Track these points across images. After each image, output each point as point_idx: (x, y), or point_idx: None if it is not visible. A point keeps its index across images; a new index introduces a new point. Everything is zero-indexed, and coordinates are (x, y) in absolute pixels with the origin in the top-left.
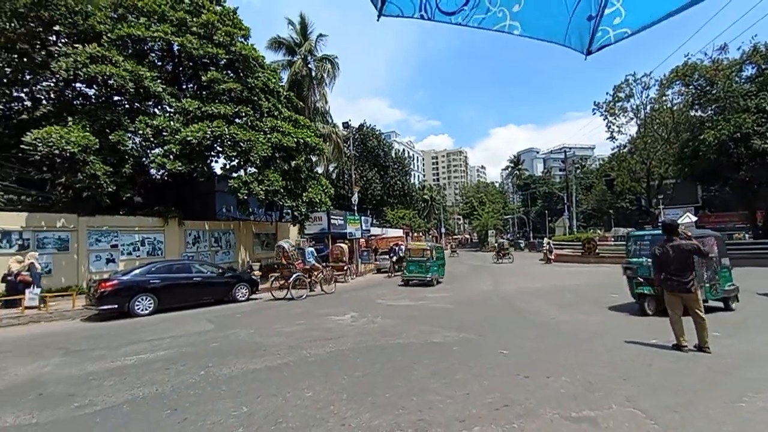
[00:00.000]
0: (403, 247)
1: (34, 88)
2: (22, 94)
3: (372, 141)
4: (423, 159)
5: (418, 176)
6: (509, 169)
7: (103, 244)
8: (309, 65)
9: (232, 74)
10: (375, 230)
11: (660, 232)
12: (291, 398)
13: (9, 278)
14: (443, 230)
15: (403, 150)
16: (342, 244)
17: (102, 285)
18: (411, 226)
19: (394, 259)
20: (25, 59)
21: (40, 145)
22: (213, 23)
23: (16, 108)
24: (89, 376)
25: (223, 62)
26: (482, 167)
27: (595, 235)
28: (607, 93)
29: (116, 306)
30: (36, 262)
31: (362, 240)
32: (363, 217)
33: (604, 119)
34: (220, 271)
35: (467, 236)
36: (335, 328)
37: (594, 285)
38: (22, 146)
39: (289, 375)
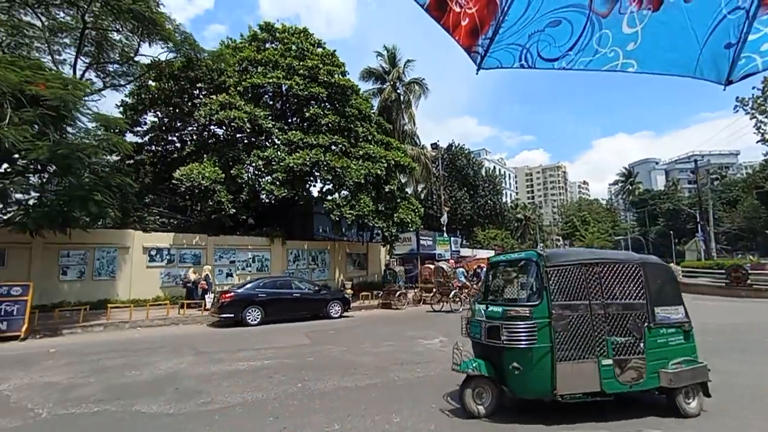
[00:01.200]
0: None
1: (182, 132)
2: (174, 138)
3: (461, 160)
4: (516, 176)
5: (511, 194)
6: (619, 184)
7: (224, 260)
8: (398, 90)
9: (330, 107)
10: (465, 251)
11: (525, 256)
12: (379, 421)
13: (188, 285)
14: None
15: (494, 168)
16: (431, 266)
17: (222, 296)
18: (503, 247)
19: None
20: (177, 110)
21: (184, 179)
22: (316, 65)
23: (169, 149)
24: (212, 376)
25: (323, 97)
26: (584, 183)
27: (746, 262)
28: (754, 87)
29: (233, 315)
30: (210, 274)
31: (451, 261)
32: (452, 238)
33: (751, 118)
34: (317, 288)
35: None
36: (424, 353)
37: (750, 325)
38: (173, 180)
39: (377, 396)
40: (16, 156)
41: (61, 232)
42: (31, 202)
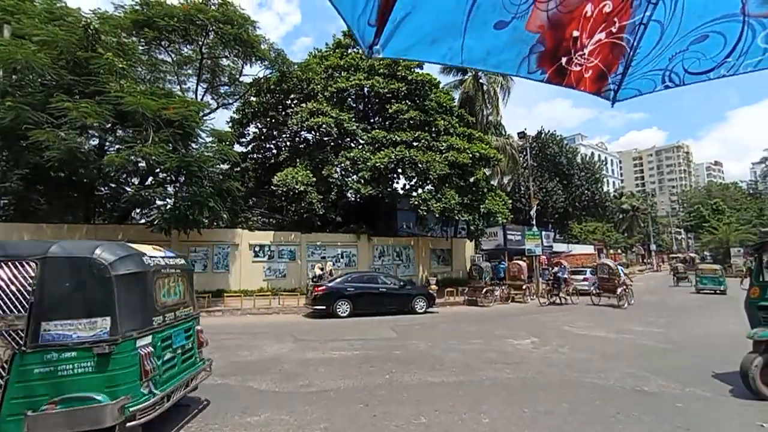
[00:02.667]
0: (565, 268)
1: (278, 140)
2: (271, 146)
3: (552, 148)
4: (620, 161)
5: (614, 182)
6: (767, 162)
7: (315, 256)
8: (480, 80)
9: (410, 102)
10: (558, 246)
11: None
12: (467, 420)
13: (315, 280)
14: (654, 247)
15: (592, 154)
16: (520, 262)
17: (315, 289)
18: (605, 242)
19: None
20: (273, 121)
21: (281, 184)
22: (395, 61)
23: (268, 156)
24: (309, 362)
25: (403, 93)
26: (715, 164)
27: None
28: None
29: (324, 307)
30: (333, 269)
31: (543, 257)
32: (543, 232)
33: None
34: (402, 283)
35: (692, 254)
36: (514, 353)
37: None
38: (271, 184)
39: (464, 395)
40: (158, 170)
41: (184, 232)
42: (167, 208)
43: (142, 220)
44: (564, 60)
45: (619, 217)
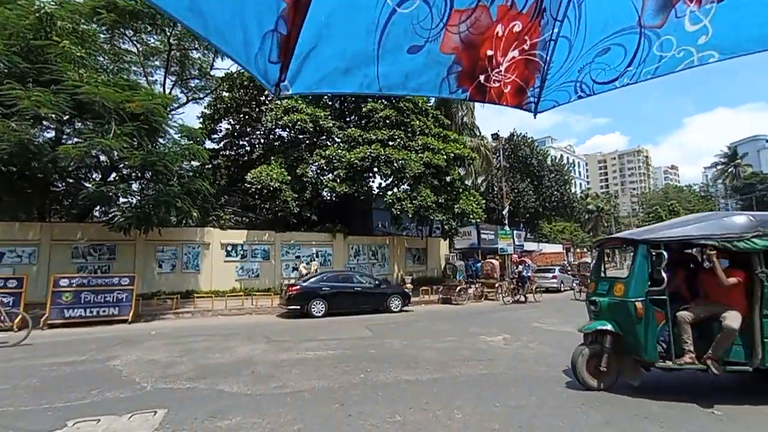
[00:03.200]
0: (529, 266)
1: (251, 137)
2: (245, 143)
3: (524, 150)
4: (587, 164)
5: (581, 184)
6: (718, 167)
7: (290, 255)
8: None
9: (385, 101)
10: (529, 245)
11: None
12: (441, 416)
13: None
14: None
15: (561, 156)
16: (493, 260)
17: (289, 289)
18: (573, 241)
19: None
20: (246, 117)
21: (255, 181)
22: None
23: (241, 153)
24: (282, 363)
25: None
26: (672, 167)
27: None
28: None
29: (299, 307)
30: (318, 269)
31: (515, 256)
32: (515, 232)
33: None
34: (377, 282)
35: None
36: (487, 350)
37: None
38: (244, 182)
39: (439, 392)
40: (121, 166)
41: (143, 232)
42: (130, 206)
43: (104, 219)
44: (482, 78)
45: (585, 218)
